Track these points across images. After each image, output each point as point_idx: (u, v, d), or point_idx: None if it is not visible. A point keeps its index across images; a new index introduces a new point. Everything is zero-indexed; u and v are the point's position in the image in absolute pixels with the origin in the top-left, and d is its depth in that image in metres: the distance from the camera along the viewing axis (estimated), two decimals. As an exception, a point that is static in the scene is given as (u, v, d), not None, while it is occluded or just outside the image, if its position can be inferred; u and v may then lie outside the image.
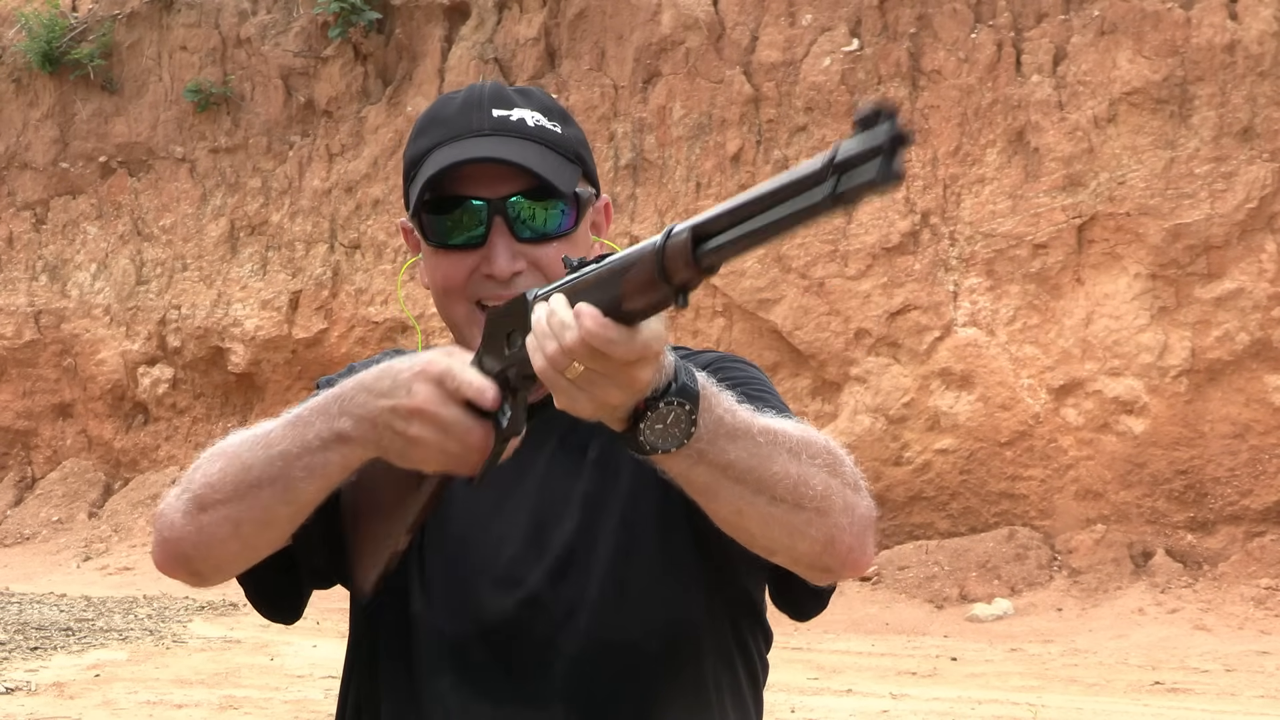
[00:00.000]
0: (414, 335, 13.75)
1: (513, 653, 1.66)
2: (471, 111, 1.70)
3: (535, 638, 1.65)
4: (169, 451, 15.14)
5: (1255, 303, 10.75)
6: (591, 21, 13.26)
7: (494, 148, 1.65)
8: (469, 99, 1.72)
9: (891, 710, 7.62)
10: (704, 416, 1.40)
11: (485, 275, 1.66)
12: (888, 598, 10.80)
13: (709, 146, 12.49)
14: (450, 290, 1.69)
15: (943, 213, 11.67)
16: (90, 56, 15.25)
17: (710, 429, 1.41)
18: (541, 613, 1.65)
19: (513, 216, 1.65)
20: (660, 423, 1.39)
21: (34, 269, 15.75)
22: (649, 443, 1.39)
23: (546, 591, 1.65)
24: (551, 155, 1.67)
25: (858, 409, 11.74)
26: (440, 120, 1.72)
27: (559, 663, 1.65)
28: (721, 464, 1.43)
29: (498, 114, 1.69)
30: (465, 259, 1.67)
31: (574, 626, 1.65)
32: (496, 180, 1.65)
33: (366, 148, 14.16)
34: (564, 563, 1.66)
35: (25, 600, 11.62)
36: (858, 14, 12.15)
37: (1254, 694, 8.08)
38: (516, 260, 1.65)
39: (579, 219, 1.70)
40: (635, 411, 1.38)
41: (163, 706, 7.78)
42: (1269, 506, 10.67)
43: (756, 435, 1.45)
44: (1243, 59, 10.88)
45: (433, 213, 1.68)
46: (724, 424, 1.43)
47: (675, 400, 1.38)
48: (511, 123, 1.68)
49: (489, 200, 1.65)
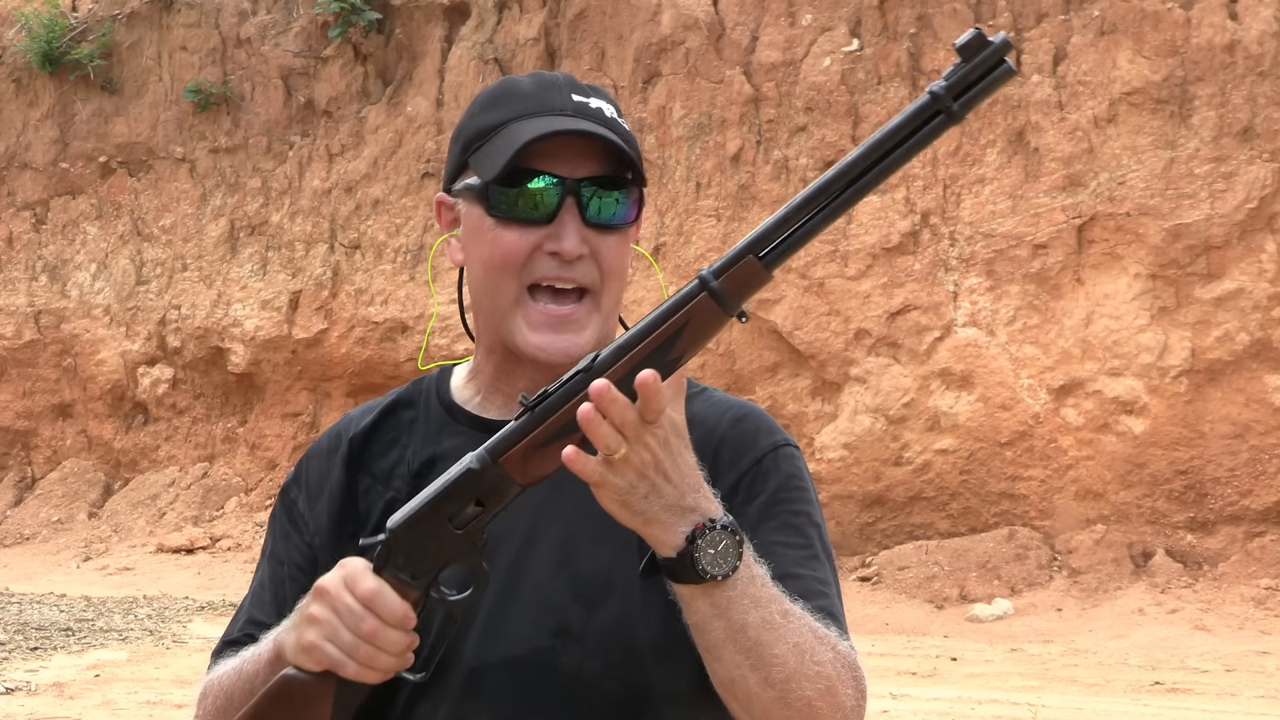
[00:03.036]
0: (413, 336, 13.75)
1: (539, 683, 1.63)
2: (550, 91, 1.68)
3: (563, 669, 1.63)
4: (169, 451, 15.14)
5: (1255, 303, 10.75)
6: (591, 21, 13.26)
7: (586, 126, 1.64)
8: (543, 80, 1.71)
9: (891, 710, 7.62)
10: (745, 563, 1.45)
11: (549, 253, 1.64)
12: (888, 598, 10.80)
13: (709, 146, 12.49)
14: (507, 265, 1.65)
15: (943, 213, 11.68)
16: (90, 56, 15.25)
17: (744, 580, 1.46)
18: (573, 644, 1.63)
19: (585, 198, 1.65)
20: (713, 547, 1.43)
21: (34, 269, 15.75)
22: (701, 567, 1.43)
23: (579, 623, 1.63)
24: (625, 147, 1.67)
25: (858, 409, 11.74)
26: (516, 95, 1.69)
27: (587, 695, 1.62)
28: (738, 624, 1.46)
29: (577, 99, 1.68)
30: (529, 235, 1.64)
31: (606, 659, 1.62)
32: (574, 161, 1.64)
33: (366, 148, 14.16)
34: (600, 592, 1.63)
35: (25, 600, 11.62)
36: (858, 14, 12.15)
37: (1254, 694, 8.08)
38: (583, 244, 1.64)
39: (639, 214, 1.70)
40: (690, 534, 1.42)
41: (163, 706, 7.78)
42: (1269, 506, 10.67)
43: (775, 613, 1.48)
44: (1243, 59, 10.88)
45: (502, 184, 1.65)
46: (754, 582, 1.47)
47: (730, 528, 1.44)
48: (591, 109, 1.67)
49: (564, 179, 1.64)
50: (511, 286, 1.66)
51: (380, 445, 1.76)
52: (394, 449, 1.76)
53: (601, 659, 1.62)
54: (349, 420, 1.81)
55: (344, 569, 1.51)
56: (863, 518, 11.68)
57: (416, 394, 1.80)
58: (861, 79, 12.03)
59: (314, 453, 1.81)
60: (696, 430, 1.66)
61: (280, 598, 1.75)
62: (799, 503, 1.66)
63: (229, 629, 1.80)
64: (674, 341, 1.40)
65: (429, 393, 1.80)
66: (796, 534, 1.62)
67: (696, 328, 1.41)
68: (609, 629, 1.62)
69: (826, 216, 1.39)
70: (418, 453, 1.74)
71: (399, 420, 1.78)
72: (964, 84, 1.33)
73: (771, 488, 1.63)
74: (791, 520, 1.62)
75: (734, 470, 1.65)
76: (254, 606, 1.78)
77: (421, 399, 1.79)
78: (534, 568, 1.65)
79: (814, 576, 1.61)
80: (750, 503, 1.64)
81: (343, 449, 1.77)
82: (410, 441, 1.75)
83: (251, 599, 1.80)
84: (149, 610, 11.20)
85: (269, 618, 1.74)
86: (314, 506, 1.76)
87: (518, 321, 1.66)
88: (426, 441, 1.74)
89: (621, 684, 1.62)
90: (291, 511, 1.78)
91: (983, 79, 1.33)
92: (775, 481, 1.64)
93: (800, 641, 1.49)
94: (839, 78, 12.08)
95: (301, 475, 1.80)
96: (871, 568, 11.31)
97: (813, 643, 1.50)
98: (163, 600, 11.80)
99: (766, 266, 1.39)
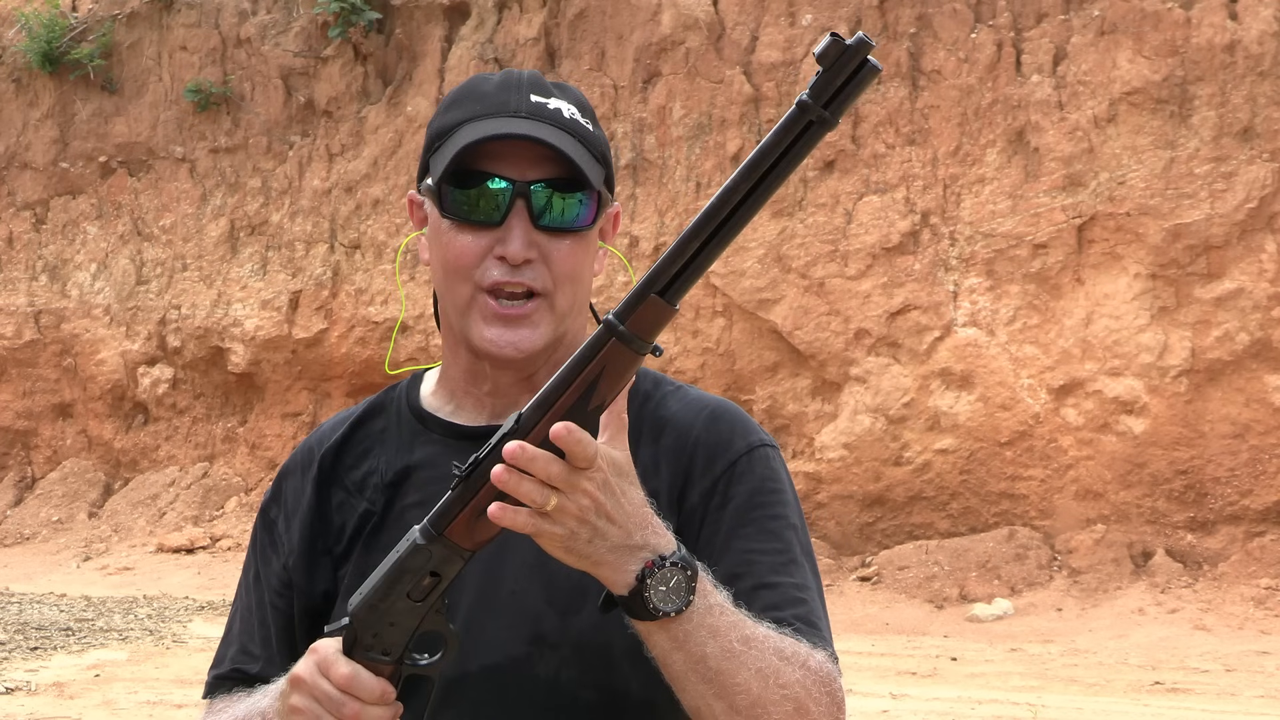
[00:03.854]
0: (413, 336, 13.75)
1: (516, 691, 1.63)
2: (509, 92, 1.68)
3: (540, 677, 1.63)
4: (169, 451, 15.14)
5: (1255, 303, 10.75)
6: (591, 21, 13.26)
7: (530, 129, 1.63)
8: (507, 81, 1.70)
9: (891, 710, 7.62)
10: (699, 594, 1.46)
11: (498, 257, 1.64)
12: (888, 598, 10.80)
13: (709, 146, 12.49)
14: (459, 268, 1.66)
15: (943, 213, 11.68)
16: (90, 56, 15.25)
17: (700, 611, 1.46)
18: (549, 651, 1.63)
19: (535, 202, 1.64)
20: (664, 584, 1.44)
21: (34, 269, 15.75)
22: (652, 605, 1.44)
23: (555, 630, 1.63)
24: (582, 149, 1.66)
25: (858, 409, 11.74)
26: (475, 96, 1.70)
27: (565, 702, 1.62)
28: (696, 656, 1.46)
29: (535, 99, 1.67)
30: (480, 238, 1.65)
31: (582, 665, 1.62)
32: (525, 164, 1.64)
33: (366, 148, 14.16)
34: (575, 599, 1.62)
35: (25, 600, 11.62)
36: (858, 14, 12.15)
37: (1254, 694, 8.08)
38: (530, 248, 1.64)
39: (596, 218, 1.69)
40: (640, 574, 1.43)
41: (163, 706, 7.78)
42: (1269, 506, 10.67)
43: (734, 641, 1.48)
44: (1243, 59, 10.88)
45: (455, 185, 1.66)
46: (711, 612, 1.47)
47: (681, 563, 1.44)
48: (548, 110, 1.67)
49: (514, 181, 1.63)
50: (465, 288, 1.67)
51: (352, 458, 1.77)
52: (366, 460, 1.76)
53: (578, 666, 1.62)
54: (320, 435, 1.81)
55: (315, 654, 1.51)
56: (863, 518, 11.68)
57: (387, 402, 1.81)
58: (861, 79, 12.03)
59: (289, 469, 1.81)
60: (673, 432, 1.68)
61: (266, 626, 1.77)
62: (774, 506, 1.65)
63: (219, 654, 1.81)
64: (593, 389, 1.42)
65: (399, 400, 1.80)
66: (773, 539, 1.61)
67: (612, 372, 1.41)
68: (585, 636, 1.62)
69: (719, 243, 1.39)
70: (391, 462, 1.74)
71: (370, 430, 1.78)
72: (829, 90, 1.35)
73: (746, 491, 1.62)
74: (767, 525, 1.62)
75: (709, 475, 1.65)
76: (244, 634, 1.79)
77: (392, 406, 1.80)
78: (509, 575, 1.65)
79: (791, 583, 1.60)
80: (724, 507, 1.64)
81: (313, 469, 1.77)
82: (383, 451, 1.76)
83: (240, 625, 1.80)
84: (149, 610, 11.20)
85: (257, 647, 1.76)
86: (290, 526, 1.77)
87: (473, 318, 1.66)
88: (400, 451, 1.75)
89: (598, 691, 1.62)
90: (272, 532, 1.79)
91: (848, 82, 1.35)
92: (749, 485, 1.63)
93: (763, 666, 1.49)
94: (839, 78, 12.07)
95: (281, 494, 1.80)
96: (871, 568, 11.31)
97: (777, 665, 1.50)
98: (163, 600, 11.80)
99: (669, 301, 1.39)
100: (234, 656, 1.78)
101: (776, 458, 1.70)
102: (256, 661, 1.76)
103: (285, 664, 1.67)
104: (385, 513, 1.72)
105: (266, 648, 1.76)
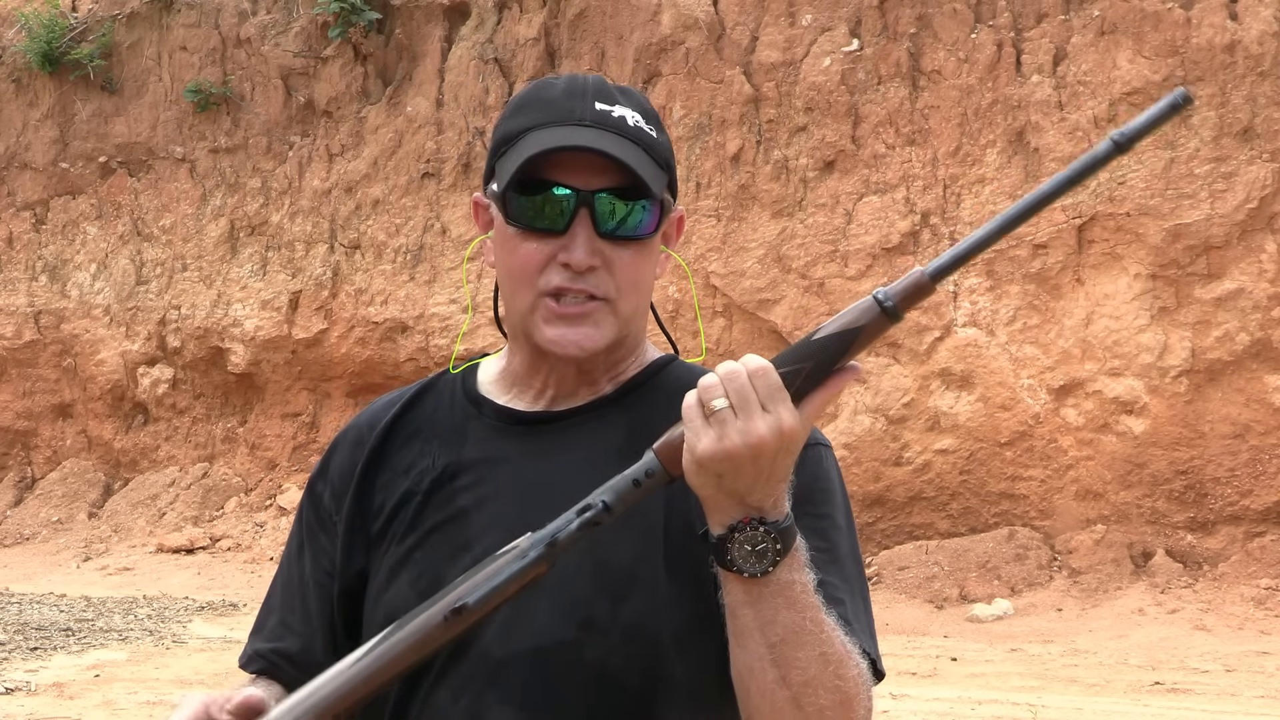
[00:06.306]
0: (413, 336, 13.75)
1: (562, 675, 1.64)
2: (575, 100, 1.69)
3: (587, 662, 1.64)
4: (169, 451, 15.14)
5: (1255, 303, 10.75)
6: (591, 21, 13.26)
7: (593, 139, 1.65)
8: (572, 87, 1.71)
9: (891, 710, 7.62)
10: (784, 567, 1.49)
11: (561, 264, 1.66)
12: (888, 598, 10.80)
13: (709, 146, 12.48)
14: (523, 275, 1.69)
15: (943, 213, 11.68)
16: (90, 56, 15.25)
17: (782, 583, 1.49)
18: (598, 637, 1.64)
19: (598, 210, 1.65)
20: (749, 544, 1.49)
21: (34, 269, 15.75)
22: (730, 557, 1.48)
23: (605, 616, 1.64)
24: (646, 157, 1.67)
25: (858, 409, 11.74)
26: (541, 102, 1.71)
27: (610, 687, 1.63)
28: (767, 618, 1.50)
29: (600, 107, 1.68)
30: (544, 245, 1.67)
31: (630, 651, 1.63)
32: (589, 172, 1.65)
33: (366, 148, 14.16)
34: (625, 585, 1.64)
35: (25, 600, 11.62)
36: (858, 14, 12.15)
37: (1254, 694, 8.07)
38: (594, 255, 1.66)
39: (659, 225, 1.71)
40: (734, 524, 1.48)
41: (163, 706, 7.78)
42: (1269, 506, 10.67)
43: (807, 620, 1.51)
44: (1243, 59, 10.88)
45: (520, 193, 1.67)
46: (792, 587, 1.50)
47: (775, 534, 1.48)
48: (613, 118, 1.68)
49: (578, 190, 1.65)
50: (528, 294, 1.69)
51: (401, 438, 1.79)
52: (416, 440, 1.78)
53: (625, 652, 1.63)
54: (372, 413, 1.83)
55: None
56: (863, 518, 11.68)
57: (440, 384, 1.84)
58: (861, 79, 12.03)
59: (338, 444, 1.83)
60: None
61: (306, 602, 1.79)
62: (822, 505, 1.68)
63: (260, 620, 1.83)
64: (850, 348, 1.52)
65: (454, 383, 1.82)
66: (818, 537, 1.62)
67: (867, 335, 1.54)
68: (634, 622, 1.63)
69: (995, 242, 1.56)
70: (442, 452, 1.76)
71: (421, 412, 1.81)
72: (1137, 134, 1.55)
73: (796, 490, 1.63)
74: (814, 524, 1.63)
75: None
76: (284, 606, 1.81)
77: (445, 389, 1.82)
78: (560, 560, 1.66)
79: (831, 582, 1.62)
80: None
81: (364, 448, 1.80)
82: (434, 434, 1.78)
83: (281, 595, 1.82)
84: (149, 610, 11.20)
85: (297, 622, 1.78)
86: (337, 504, 1.79)
87: (536, 321, 1.69)
88: (452, 433, 1.77)
89: (644, 677, 1.64)
90: (318, 507, 1.81)
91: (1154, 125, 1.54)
92: (799, 483, 1.64)
93: (829, 652, 1.52)
94: (839, 78, 12.07)
95: (328, 470, 1.82)
96: (872, 568, 11.31)
97: (842, 655, 1.53)
98: (162, 600, 11.80)
99: (933, 281, 1.54)
100: (273, 627, 1.80)
101: (829, 458, 1.73)
102: (297, 637, 1.78)
103: (323, 643, 1.72)
104: (432, 492, 1.73)
105: (307, 625, 1.78)
